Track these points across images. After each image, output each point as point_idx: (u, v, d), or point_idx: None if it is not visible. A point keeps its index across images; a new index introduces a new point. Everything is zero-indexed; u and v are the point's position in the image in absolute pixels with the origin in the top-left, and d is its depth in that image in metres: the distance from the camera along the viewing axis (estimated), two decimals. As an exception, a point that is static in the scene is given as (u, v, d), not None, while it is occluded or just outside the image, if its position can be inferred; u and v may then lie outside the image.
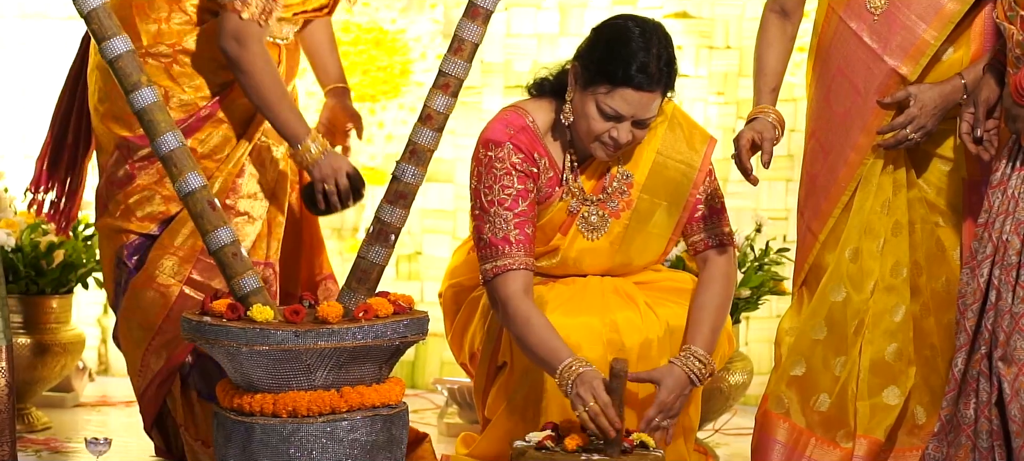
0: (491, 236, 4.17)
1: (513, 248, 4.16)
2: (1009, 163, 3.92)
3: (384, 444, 3.97)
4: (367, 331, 3.91)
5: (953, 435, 3.95)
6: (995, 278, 3.87)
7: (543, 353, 4.08)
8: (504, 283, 4.14)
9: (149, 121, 4.00)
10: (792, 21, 4.37)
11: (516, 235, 4.17)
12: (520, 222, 4.17)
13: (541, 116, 4.27)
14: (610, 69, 4.10)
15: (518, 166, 4.19)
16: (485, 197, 4.19)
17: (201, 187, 4.00)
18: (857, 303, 4.25)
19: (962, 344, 3.92)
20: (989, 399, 3.87)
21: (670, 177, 4.29)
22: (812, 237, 4.32)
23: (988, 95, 4.03)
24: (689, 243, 4.37)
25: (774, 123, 4.23)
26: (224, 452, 3.97)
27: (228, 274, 3.99)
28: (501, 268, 4.15)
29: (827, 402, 4.28)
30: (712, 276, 4.29)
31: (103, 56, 4.02)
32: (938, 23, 4.15)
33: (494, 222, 4.17)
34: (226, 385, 4.02)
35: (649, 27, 4.15)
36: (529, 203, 4.19)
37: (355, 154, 6.41)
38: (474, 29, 4.07)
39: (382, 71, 6.41)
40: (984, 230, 3.92)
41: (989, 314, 3.87)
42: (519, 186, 4.19)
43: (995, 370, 3.85)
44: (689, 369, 4.13)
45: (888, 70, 4.19)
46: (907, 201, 4.26)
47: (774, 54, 4.34)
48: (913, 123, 4.16)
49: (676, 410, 4.12)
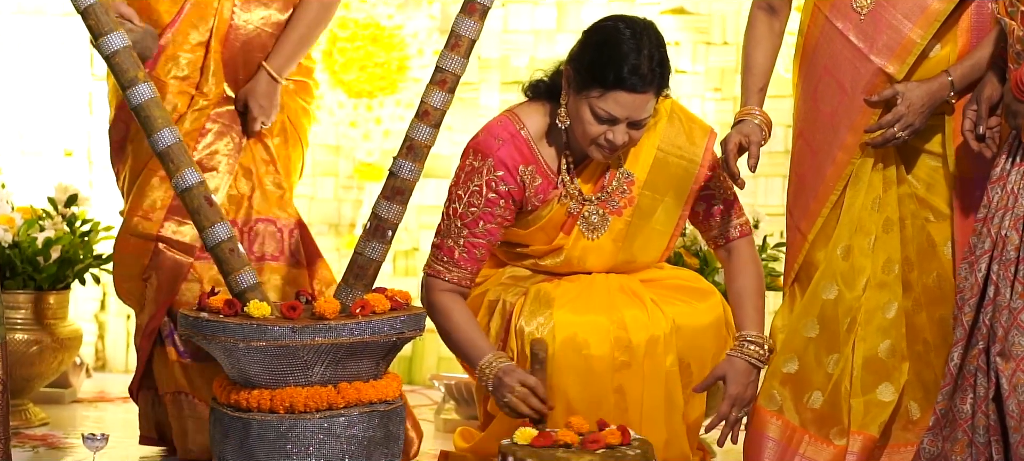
0: (442, 240, 4.25)
1: (453, 263, 4.23)
2: (1009, 158, 3.92)
3: (381, 440, 3.97)
4: (364, 327, 3.91)
5: (949, 430, 3.95)
6: (994, 273, 3.87)
7: (466, 349, 4.19)
8: (434, 285, 4.25)
9: (146, 117, 4.00)
10: (780, 18, 4.36)
11: (461, 253, 4.23)
12: (471, 244, 4.23)
13: (535, 120, 4.27)
14: (602, 73, 4.10)
15: (494, 185, 4.21)
16: (453, 202, 4.25)
17: (198, 183, 4.00)
18: (849, 300, 4.25)
19: (959, 338, 3.93)
20: (986, 394, 3.87)
21: (672, 172, 4.30)
22: (801, 236, 4.32)
23: (991, 93, 4.03)
24: (711, 238, 4.41)
25: (761, 125, 4.24)
26: (221, 448, 3.97)
27: (225, 270, 4.00)
28: (436, 273, 4.25)
29: (820, 399, 4.28)
30: (743, 262, 4.38)
31: (99, 52, 4.02)
32: (924, 22, 4.15)
33: (450, 229, 4.24)
34: (223, 381, 4.02)
35: (640, 28, 4.14)
36: (493, 226, 4.23)
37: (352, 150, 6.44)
38: (471, 25, 4.07)
39: (379, 67, 6.41)
40: (983, 225, 3.92)
41: (987, 309, 3.87)
42: (485, 209, 4.21)
43: (993, 365, 3.85)
44: (749, 356, 4.24)
45: (875, 69, 4.19)
46: (897, 197, 4.26)
47: (762, 52, 4.34)
48: (901, 121, 4.16)
49: (748, 398, 4.24)
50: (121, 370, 6.58)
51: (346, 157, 6.46)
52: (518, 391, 4.03)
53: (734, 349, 4.25)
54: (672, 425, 4.24)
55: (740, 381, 4.22)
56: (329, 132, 6.45)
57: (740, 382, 4.22)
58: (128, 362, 6.62)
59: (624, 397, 4.16)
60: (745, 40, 4.36)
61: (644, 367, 4.16)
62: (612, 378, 4.15)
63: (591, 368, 4.14)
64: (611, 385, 4.15)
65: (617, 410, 4.12)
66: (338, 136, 6.45)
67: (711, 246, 4.45)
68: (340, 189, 6.50)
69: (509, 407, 4.06)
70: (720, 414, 4.22)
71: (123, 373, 6.54)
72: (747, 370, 4.24)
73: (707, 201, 4.37)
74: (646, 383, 4.17)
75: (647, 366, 4.17)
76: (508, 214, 4.24)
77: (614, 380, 4.15)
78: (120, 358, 6.64)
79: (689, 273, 4.46)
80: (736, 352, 4.25)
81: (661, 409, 4.19)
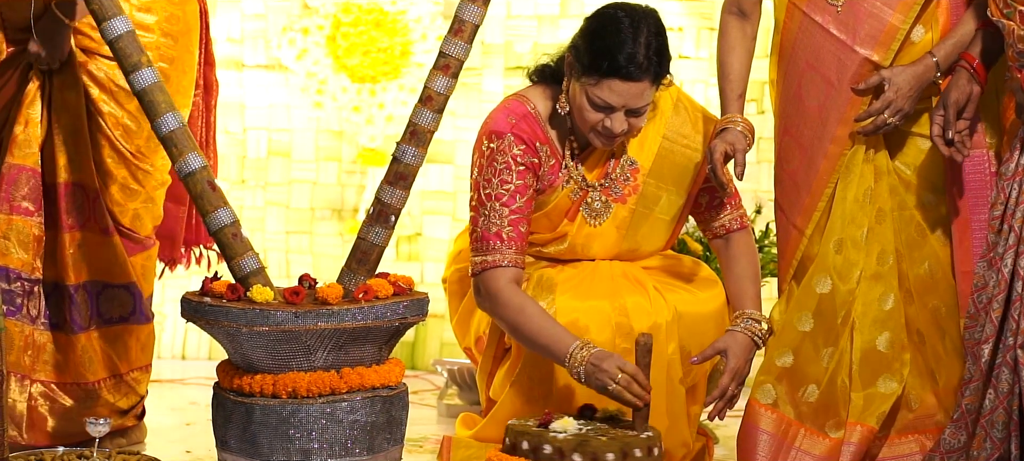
0: (484, 230, 4.19)
1: (504, 245, 4.18)
2: (1023, 154, 3.91)
3: (384, 425, 3.98)
4: (367, 312, 3.91)
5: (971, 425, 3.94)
6: (1021, 268, 3.86)
7: (545, 340, 4.09)
8: (494, 277, 4.16)
9: (149, 101, 4.00)
10: (751, 21, 4.35)
11: (509, 232, 4.18)
12: (515, 219, 4.19)
13: (542, 103, 4.27)
14: (598, 60, 4.09)
15: (519, 158, 4.20)
16: (483, 190, 4.20)
17: (202, 168, 4.00)
18: (843, 294, 4.24)
19: (988, 335, 3.90)
20: (1010, 390, 3.86)
21: (677, 162, 4.30)
22: (797, 233, 4.31)
23: (958, 96, 4.03)
24: (710, 228, 4.41)
25: (744, 132, 4.23)
26: (224, 433, 3.97)
27: (228, 254, 4.00)
28: (491, 263, 4.17)
29: (816, 393, 4.27)
30: (740, 251, 4.38)
31: (103, 36, 4.02)
32: (903, 7, 4.15)
33: (489, 216, 4.19)
34: (226, 366, 4.03)
35: (639, 15, 4.13)
36: (527, 199, 4.20)
37: (356, 135, 6.44)
38: (475, 10, 4.07)
39: (383, 52, 6.41)
40: (1002, 222, 3.90)
41: (1015, 305, 3.86)
42: (517, 181, 4.19)
43: (1016, 359, 3.83)
44: (750, 331, 4.24)
45: (860, 59, 4.18)
46: (888, 187, 4.25)
47: (737, 58, 4.33)
48: (890, 107, 4.15)
49: (745, 374, 4.23)
50: (124, 354, 6.58)
51: (349, 142, 6.46)
52: (621, 378, 3.99)
53: (737, 324, 4.25)
54: (673, 412, 4.24)
55: (742, 355, 4.21)
56: (332, 117, 6.45)
57: (742, 356, 4.21)
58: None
59: (626, 384, 4.16)
60: (719, 47, 4.35)
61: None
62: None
63: (593, 354, 4.14)
64: (612, 372, 4.15)
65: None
66: (341, 121, 6.45)
67: (709, 236, 4.44)
68: (343, 174, 6.50)
69: (614, 395, 4.00)
70: (721, 386, 4.20)
71: (126, 357, 6.54)
72: (748, 345, 4.23)
73: (711, 192, 4.37)
74: (647, 370, 4.16)
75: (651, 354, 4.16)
76: (535, 186, 4.23)
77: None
78: (123, 342, 6.64)
79: (691, 260, 4.46)
80: (739, 327, 4.25)
81: (662, 396, 4.19)
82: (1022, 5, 3.85)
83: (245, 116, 6.51)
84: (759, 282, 4.38)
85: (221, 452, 4.00)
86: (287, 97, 6.49)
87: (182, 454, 4.80)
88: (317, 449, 3.90)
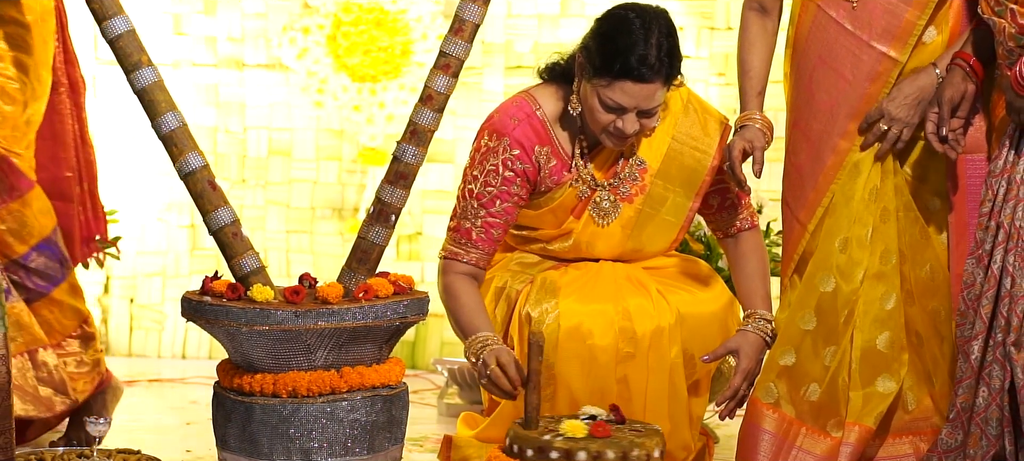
0: (461, 221, 4.24)
1: (472, 244, 4.23)
2: (1012, 150, 3.92)
3: (384, 424, 3.97)
4: (367, 311, 3.91)
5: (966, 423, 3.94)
6: (1009, 265, 3.86)
7: (463, 327, 4.17)
8: (451, 266, 4.24)
9: (150, 101, 4.00)
10: (772, 18, 4.34)
11: (480, 234, 4.22)
12: (489, 223, 4.22)
13: (551, 103, 4.27)
14: (609, 61, 4.09)
15: (510, 164, 4.21)
16: (469, 183, 4.24)
17: (202, 167, 4.00)
18: (847, 293, 4.23)
19: (978, 332, 3.90)
20: (1002, 386, 3.86)
21: (685, 163, 4.29)
22: (800, 227, 4.31)
23: (952, 94, 4.03)
24: (719, 228, 4.42)
25: (762, 129, 4.23)
26: (224, 432, 3.97)
27: (228, 254, 3.99)
28: (454, 255, 4.24)
29: (818, 392, 4.27)
30: (749, 249, 4.39)
31: (104, 35, 4.02)
32: (919, 3, 4.14)
33: (466, 210, 4.24)
34: (226, 365, 4.02)
35: (650, 16, 4.13)
36: (508, 206, 4.23)
37: (356, 134, 6.44)
38: (475, 9, 4.07)
39: (383, 51, 6.41)
40: (990, 218, 3.91)
41: (1004, 301, 3.86)
42: (502, 188, 4.21)
43: (1008, 355, 3.84)
44: (761, 331, 4.25)
45: (878, 54, 4.18)
46: (894, 187, 4.25)
47: (757, 54, 4.32)
48: (890, 132, 4.17)
49: (756, 374, 4.24)
50: (124, 354, 6.59)
51: (350, 141, 6.47)
52: (491, 371, 4.01)
53: (748, 324, 4.26)
54: (676, 416, 4.23)
55: (753, 355, 4.22)
56: (333, 116, 6.45)
57: (753, 357, 4.21)
58: (131, 345, 6.63)
59: (628, 388, 4.16)
60: (739, 43, 4.35)
61: (648, 358, 4.16)
62: (616, 369, 4.15)
63: (595, 358, 4.14)
64: (615, 376, 4.15)
65: (621, 400, 4.11)
66: (342, 120, 6.45)
67: (718, 235, 4.44)
68: (344, 173, 6.50)
69: (486, 387, 4.06)
70: (732, 386, 4.20)
71: (126, 357, 6.55)
72: (760, 345, 4.24)
73: (723, 193, 4.37)
74: (650, 374, 4.17)
75: (652, 357, 4.16)
76: (523, 193, 4.24)
77: (618, 371, 4.15)
78: (123, 342, 6.65)
79: (694, 260, 4.46)
80: (750, 327, 4.25)
81: (665, 400, 4.19)
82: (1013, 3, 3.85)
83: (245, 115, 6.52)
84: (768, 281, 4.38)
85: (221, 451, 4.00)
86: (288, 96, 6.49)
87: (182, 453, 4.80)
88: (317, 448, 3.90)
